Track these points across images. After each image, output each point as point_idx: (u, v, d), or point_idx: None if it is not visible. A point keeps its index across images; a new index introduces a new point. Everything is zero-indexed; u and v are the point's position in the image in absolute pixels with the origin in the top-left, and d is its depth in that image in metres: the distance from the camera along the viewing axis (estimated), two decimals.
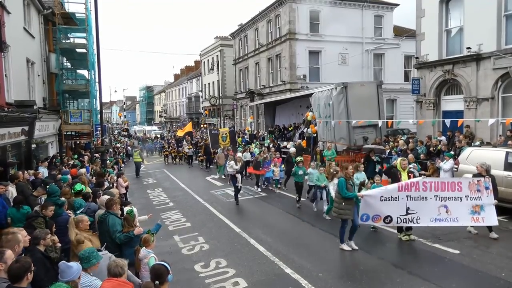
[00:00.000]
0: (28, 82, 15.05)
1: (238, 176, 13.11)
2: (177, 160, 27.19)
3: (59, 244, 5.49)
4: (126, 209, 6.57)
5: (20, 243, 4.49)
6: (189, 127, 30.22)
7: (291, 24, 27.99)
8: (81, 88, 20.35)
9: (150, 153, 34.46)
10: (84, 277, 4.14)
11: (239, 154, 15.85)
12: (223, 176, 18.50)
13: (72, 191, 7.94)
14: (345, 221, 7.97)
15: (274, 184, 15.29)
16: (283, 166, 15.41)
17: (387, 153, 15.29)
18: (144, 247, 5.35)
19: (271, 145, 21.19)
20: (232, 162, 13.38)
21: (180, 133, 30.80)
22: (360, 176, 10.00)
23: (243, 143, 23.77)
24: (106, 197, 6.88)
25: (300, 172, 12.07)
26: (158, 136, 42.32)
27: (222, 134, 21.64)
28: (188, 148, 25.53)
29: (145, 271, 5.05)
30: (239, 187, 13.18)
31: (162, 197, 15.08)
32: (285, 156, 16.79)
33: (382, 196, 7.80)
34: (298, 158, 12.84)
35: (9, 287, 3.57)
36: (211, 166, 22.32)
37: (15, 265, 3.61)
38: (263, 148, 19.11)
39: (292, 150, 16.27)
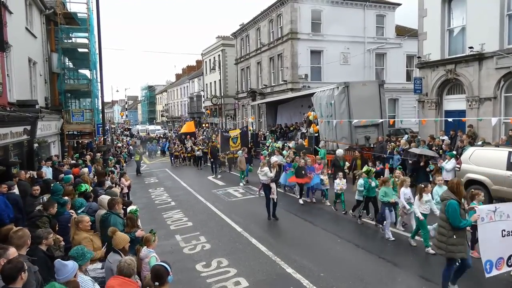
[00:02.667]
0: (30, 82, 15.07)
1: (273, 186, 10.79)
2: (186, 161, 25.58)
3: (62, 243, 5.51)
4: (129, 208, 6.57)
5: (30, 237, 4.60)
6: (190, 127, 28.76)
7: (292, 24, 27.97)
8: (83, 88, 20.38)
9: (154, 153, 33.24)
10: (79, 277, 4.14)
11: (274, 158, 13.16)
12: (241, 184, 16.45)
13: (76, 192, 7.96)
14: (453, 260, 5.93)
15: (325, 196, 12.56)
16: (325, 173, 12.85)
17: (387, 152, 15.23)
18: (145, 247, 5.34)
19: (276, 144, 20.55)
20: (266, 169, 10.76)
21: (183, 130, 29.24)
22: (407, 192, 8.46)
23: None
24: (105, 197, 6.88)
25: (372, 183, 9.50)
26: (162, 135, 40.79)
27: (233, 136, 20.20)
28: (198, 149, 23.55)
29: (146, 270, 5.04)
30: (275, 200, 10.81)
31: (164, 197, 15.10)
32: None
33: (504, 230, 5.65)
34: (367, 168, 9.92)
35: None
36: (219, 170, 20.37)
37: (7, 266, 3.57)
38: (289, 152, 16.14)
39: (340, 152, 13.67)
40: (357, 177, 9.78)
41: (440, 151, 13.40)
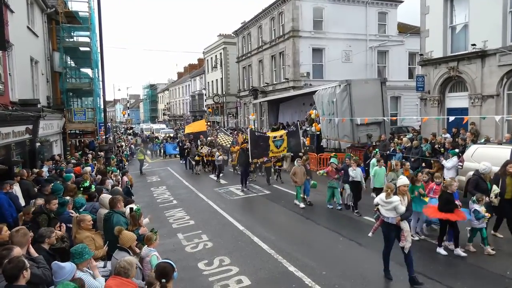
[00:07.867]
0: (32, 81, 15.09)
1: (405, 226, 6.38)
2: (207, 167, 20.94)
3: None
4: (132, 206, 6.58)
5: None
6: (202, 125, 24.70)
7: (294, 22, 27.91)
8: (84, 87, 20.42)
9: (156, 154, 31.67)
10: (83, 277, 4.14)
11: (402, 179, 6.73)
12: (302, 205, 11.78)
13: (80, 187, 7.98)
14: None
15: (484, 240, 7.51)
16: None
17: (391, 150, 15.20)
18: (146, 245, 5.34)
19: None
20: (396, 198, 6.29)
21: (188, 130, 25.52)
22: None
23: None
24: (105, 195, 6.89)
25: None
26: (171, 135, 36.25)
27: (275, 138, 15.42)
28: (220, 155, 18.37)
29: (146, 269, 5.05)
30: (405, 250, 6.36)
31: (166, 195, 15.11)
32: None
33: None
34: None
35: (7, 287, 3.57)
36: (249, 183, 15.69)
37: (8, 266, 3.57)
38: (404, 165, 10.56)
39: (486, 168, 8.42)
40: None
41: (442, 149, 13.36)
